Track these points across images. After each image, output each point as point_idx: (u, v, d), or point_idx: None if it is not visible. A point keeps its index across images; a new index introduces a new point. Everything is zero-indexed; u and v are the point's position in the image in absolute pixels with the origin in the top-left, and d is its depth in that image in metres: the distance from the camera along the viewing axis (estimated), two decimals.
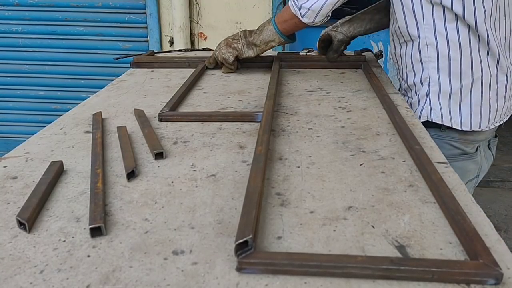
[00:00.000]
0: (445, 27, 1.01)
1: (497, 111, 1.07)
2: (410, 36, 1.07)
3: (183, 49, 1.80)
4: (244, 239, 0.49)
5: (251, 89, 1.16)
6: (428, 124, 1.05)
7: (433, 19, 1.02)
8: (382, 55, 1.46)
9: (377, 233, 0.55)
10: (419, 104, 1.10)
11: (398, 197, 0.64)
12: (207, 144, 0.82)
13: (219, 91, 1.15)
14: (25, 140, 0.84)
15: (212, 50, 1.53)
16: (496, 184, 2.79)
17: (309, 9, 1.11)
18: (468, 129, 1.07)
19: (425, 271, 0.47)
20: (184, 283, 0.47)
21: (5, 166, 0.74)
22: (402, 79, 1.17)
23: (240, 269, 0.49)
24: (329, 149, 0.79)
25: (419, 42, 1.06)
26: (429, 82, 1.07)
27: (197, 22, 2.58)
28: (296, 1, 1.13)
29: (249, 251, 0.50)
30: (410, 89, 1.14)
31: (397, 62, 1.18)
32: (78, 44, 2.66)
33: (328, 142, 0.83)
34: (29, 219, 0.56)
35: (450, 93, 1.05)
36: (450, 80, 1.04)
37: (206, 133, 0.88)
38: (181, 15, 2.47)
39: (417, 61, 1.08)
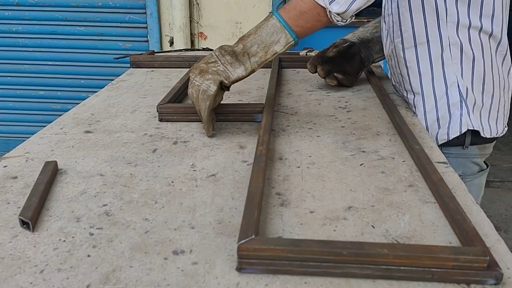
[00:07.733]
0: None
1: (504, 114, 1.00)
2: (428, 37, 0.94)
3: (183, 49, 1.80)
4: (247, 239, 0.49)
5: (251, 89, 1.16)
6: (448, 143, 0.95)
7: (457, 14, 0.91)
8: None
9: (377, 233, 0.55)
10: (450, 117, 0.93)
11: (398, 197, 0.64)
12: (207, 144, 0.82)
13: None
14: (25, 140, 0.84)
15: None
16: (496, 184, 2.78)
17: None
18: (494, 136, 0.97)
19: (425, 271, 0.47)
20: (184, 283, 0.47)
21: (5, 166, 0.74)
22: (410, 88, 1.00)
23: (240, 269, 0.49)
24: (329, 149, 0.79)
25: (441, 43, 0.92)
26: (458, 89, 0.92)
27: (197, 22, 2.58)
28: None
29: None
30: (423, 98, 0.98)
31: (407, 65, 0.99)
32: (78, 44, 2.66)
33: (328, 142, 0.83)
34: (32, 218, 0.57)
35: (475, 99, 0.93)
36: (472, 84, 0.93)
37: None
38: (181, 15, 2.47)
39: (439, 65, 0.93)
